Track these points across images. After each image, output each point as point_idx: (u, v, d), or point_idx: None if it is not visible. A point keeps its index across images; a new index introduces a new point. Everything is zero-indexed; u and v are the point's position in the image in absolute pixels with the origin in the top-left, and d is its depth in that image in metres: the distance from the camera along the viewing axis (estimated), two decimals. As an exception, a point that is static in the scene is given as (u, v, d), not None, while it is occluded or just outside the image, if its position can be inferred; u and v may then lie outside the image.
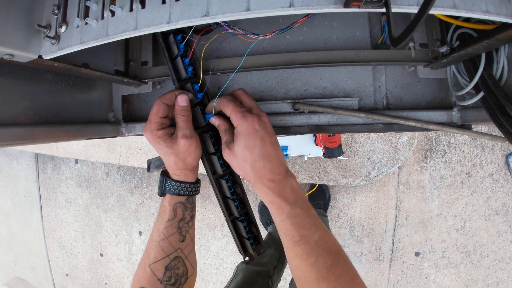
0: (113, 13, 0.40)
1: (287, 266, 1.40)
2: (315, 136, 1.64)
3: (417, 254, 2.06)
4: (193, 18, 0.36)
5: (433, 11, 0.35)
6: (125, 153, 2.11)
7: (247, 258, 0.63)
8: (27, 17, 0.41)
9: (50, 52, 0.41)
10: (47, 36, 0.41)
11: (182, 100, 0.53)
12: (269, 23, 0.63)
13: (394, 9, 0.34)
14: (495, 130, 0.62)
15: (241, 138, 0.50)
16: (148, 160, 0.77)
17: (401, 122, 0.58)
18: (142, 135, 0.66)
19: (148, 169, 0.77)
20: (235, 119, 0.51)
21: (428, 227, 2.06)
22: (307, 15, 0.53)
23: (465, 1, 0.35)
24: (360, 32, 0.63)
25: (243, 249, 0.62)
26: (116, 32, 0.39)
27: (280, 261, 1.43)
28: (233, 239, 0.63)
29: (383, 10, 0.33)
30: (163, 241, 0.56)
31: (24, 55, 0.40)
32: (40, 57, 0.42)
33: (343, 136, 1.79)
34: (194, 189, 0.59)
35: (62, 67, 0.47)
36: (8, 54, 0.39)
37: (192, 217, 0.60)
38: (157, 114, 0.53)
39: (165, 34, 0.53)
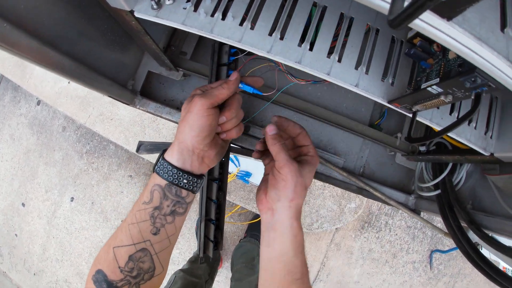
0: (224, 17, 0.44)
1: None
2: None
3: (327, 310, 2.17)
4: (287, 59, 0.43)
5: (435, 126, 0.46)
6: (95, 117, 2.03)
7: (203, 259, 0.66)
8: None
9: (145, 13, 0.43)
10: (153, 1, 0.42)
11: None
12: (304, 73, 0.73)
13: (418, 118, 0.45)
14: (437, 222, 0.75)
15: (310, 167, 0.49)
16: (140, 141, 0.79)
17: (371, 190, 0.69)
18: (151, 113, 0.70)
19: (138, 149, 0.78)
20: (314, 151, 0.51)
21: (344, 289, 2.20)
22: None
23: (458, 129, 0.47)
24: (364, 109, 0.75)
25: (204, 249, 0.66)
26: (220, 34, 0.43)
27: (210, 276, 1.46)
28: (197, 238, 0.66)
29: (409, 114, 0.44)
30: (133, 225, 0.48)
31: (121, 1, 0.41)
32: (131, 12, 0.43)
33: None
34: (179, 177, 0.49)
35: (135, 27, 0.48)
36: None
37: (173, 212, 0.50)
38: (222, 97, 0.48)
39: (222, 42, 0.59)
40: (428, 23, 0.25)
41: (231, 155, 1.76)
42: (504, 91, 0.30)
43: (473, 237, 0.59)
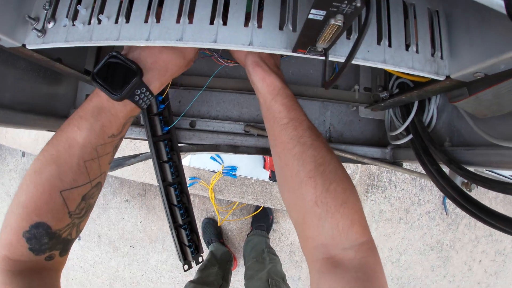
0: (99, 21, 0.42)
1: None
2: (264, 160, 1.69)
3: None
4: (168, 40, 0.39)
5: (364, 63, 0.40)
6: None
7: (186, 266, 0.63)
8: (18, 5, 0.42)
9: (34, 43, 0.43)
10: (35, 28, 0.42)
11: None
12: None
13: (330, 58, 0.38)
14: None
15: None
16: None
17: (339, 153, 0.63)
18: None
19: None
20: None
21: (365, 257, 2.16)
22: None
23: (394, 57, 0.41)
24: (313, 71, 0.68)
25: (183, 257, 0.63)
26: (99, 39, 0.41)
27: (224, 279, 1.42)
28: (174, 248, 0.63)
29: (323, 58, 0.37)
30: (92, 161, 0.42)
31: (9, 41, 0.42)
32: (23, 45, 0.43)
33: None
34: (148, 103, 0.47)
35: (40, 59, 0.48)
36: None
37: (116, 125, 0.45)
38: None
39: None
40: None
41: (213, 154, 1.72)
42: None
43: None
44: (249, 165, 1.75)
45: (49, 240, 0.39)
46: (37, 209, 0.38)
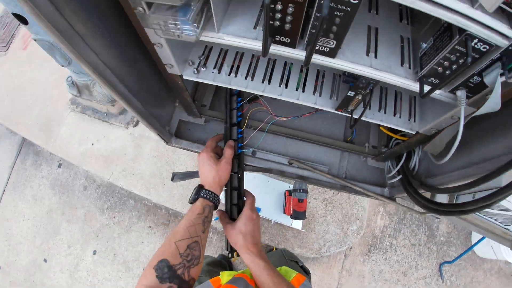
0: (236, 75, 0.74)
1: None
2: (285, 205, 1.95)
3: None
4: (274, 94, 0.73)
5: (372, 120, 0.73)
6: (118, 173, 2.25)
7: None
8: (186, 54, 0.74)
9: (190, 76, 0.73)
10: (194, 68, 0.73)
11: (232, 142, 0.89)
12: (288, 109, 1.02)
13: (354, 115, 0.71)
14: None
15: (243, 218, 0.80)
16: (173, 172, 1.03)
17: (351, 186, 0.92)
18: (184, 148, 0.96)
19: (172, 178, 1.03)
20: (249, 206, 0.83)
21: (362, 313, 2.21)
22: (311, 111, 0.92)
23: (387, 119, 0.72)
24: (337, 130, 1.03)
25: (231, 214, 0.89)
26: (235, 84, 0.73)
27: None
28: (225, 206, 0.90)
29: (350, 115, 0.71)
30: (191, 226, 0.71)
31: (176, 70, 0.70)
32: (181, 76, 0.73)
33: (308, 213, 2.12)
34: (218, 200, 0.80)
35: (180, 86, 0.78)
36: (170, 65, 0.69)
37: (209, 223, 0.77)
38: (211, 145, 0.86)
39: (233, 94, 0.90)
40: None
41: None
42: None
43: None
44: (270, 208, 2.00)
45: (168, 270, 0.64)
46: (163, 252, 0.67)
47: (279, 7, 0.45)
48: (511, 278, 2.44)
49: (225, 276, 0.85)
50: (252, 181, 2.05)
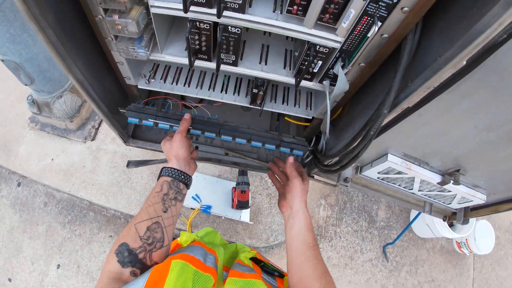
0: (177, 83, 0.96)
1: None
2: (232, 201, 2.20)
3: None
4: (205, 96, 0.97)
5: (279, 111, 1.00)
6: (78, 185, 2.35)
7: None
8: (139, 69, 0.94)
9: (142, 85, 0.94)
10: (146, 80, 0.94)
11: (187, 115, 0.92)
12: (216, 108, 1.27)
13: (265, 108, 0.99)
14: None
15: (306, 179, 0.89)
16: (128, 160, 1.22)
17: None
18: (140, 147, 1.16)
19: (128, 165, 1.21)
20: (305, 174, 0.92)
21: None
22: (219, 103, 1.19)
23: (290, 109, 1.00)
24: (264, 125, 1.29)
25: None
26: (177, 90, 0.94)
27: None
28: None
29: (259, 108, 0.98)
30: (149, 207, 0.68)
31: (133, 81, 0.92)
32: (136, 86, 0.95)
33: (254, 207, 2.38)
34: (177, 174, 0.76)
35: (135, 93, 0.99)
36: (128, 77, 0.90)
37: (175, 199, 0.73)
38: (185, 128, 0.89)
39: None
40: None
41: (194, 195, 2.25)
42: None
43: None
44: (221, 206, 2.25)
45: (128, 254, 0.61)
46: (123, 235, 0.65)
47: (196, 36, 0.71)
48: (454, 254, 2.79)
49: (184, 237, 0.90)
50: (202, 181, 2.31)
